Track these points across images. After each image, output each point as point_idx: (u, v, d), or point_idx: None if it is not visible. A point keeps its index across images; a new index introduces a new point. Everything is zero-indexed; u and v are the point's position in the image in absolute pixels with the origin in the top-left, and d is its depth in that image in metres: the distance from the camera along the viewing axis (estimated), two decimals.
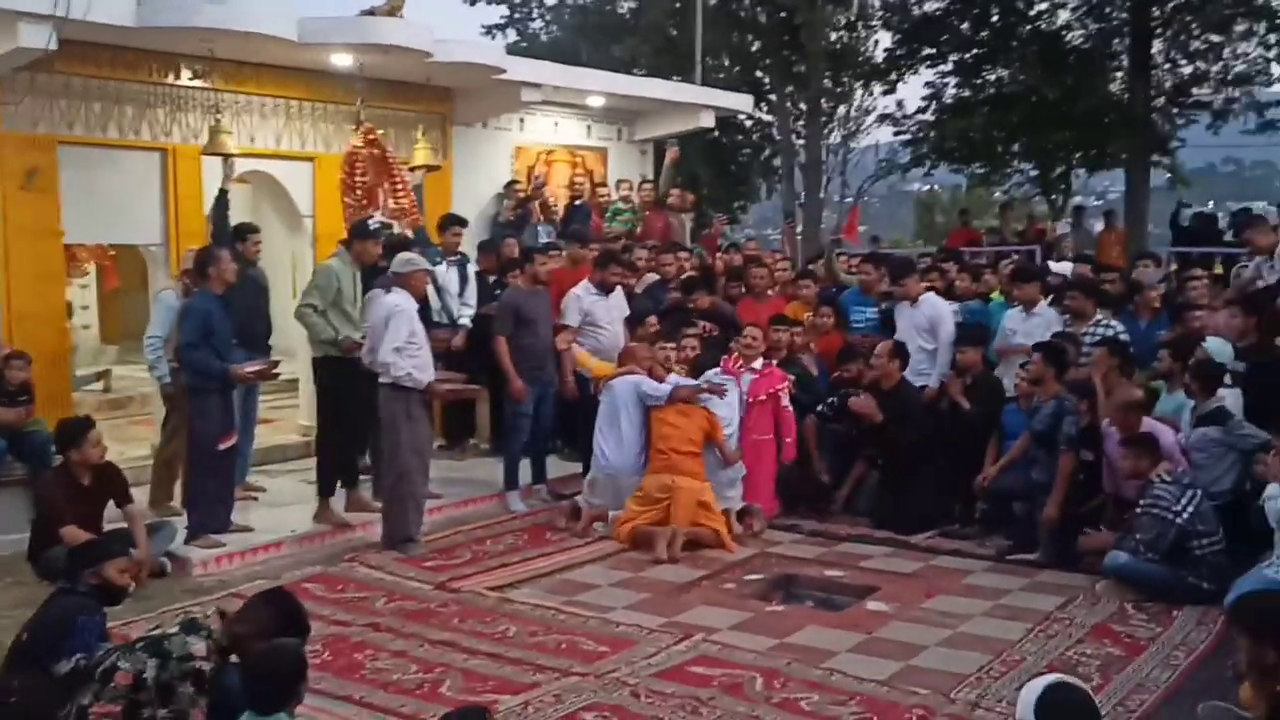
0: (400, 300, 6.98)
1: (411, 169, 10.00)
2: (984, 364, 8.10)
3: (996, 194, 22.51)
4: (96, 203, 8.55)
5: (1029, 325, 8.08)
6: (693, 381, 7.78)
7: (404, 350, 6.90)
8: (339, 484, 7.69)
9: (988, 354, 8.22)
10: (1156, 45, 18.10)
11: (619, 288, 8.67)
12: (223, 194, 8.48)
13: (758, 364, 8.06)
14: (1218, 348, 6.88)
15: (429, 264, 7.63)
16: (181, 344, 6.92)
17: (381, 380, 6.98)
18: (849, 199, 22.32)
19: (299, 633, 3.91)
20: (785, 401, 8.03)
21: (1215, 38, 17.95)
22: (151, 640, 3.73)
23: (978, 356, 8.05)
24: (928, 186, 42.37)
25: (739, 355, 8.11)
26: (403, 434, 6.96)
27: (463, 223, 9.64)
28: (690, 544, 7.16)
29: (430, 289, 7.95)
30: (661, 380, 7.75)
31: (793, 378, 8.19)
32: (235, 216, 8.71)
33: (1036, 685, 3.03)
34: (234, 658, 3.88)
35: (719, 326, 8.80)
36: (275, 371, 7.59)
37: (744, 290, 9.56)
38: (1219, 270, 9.83)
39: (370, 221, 8.00)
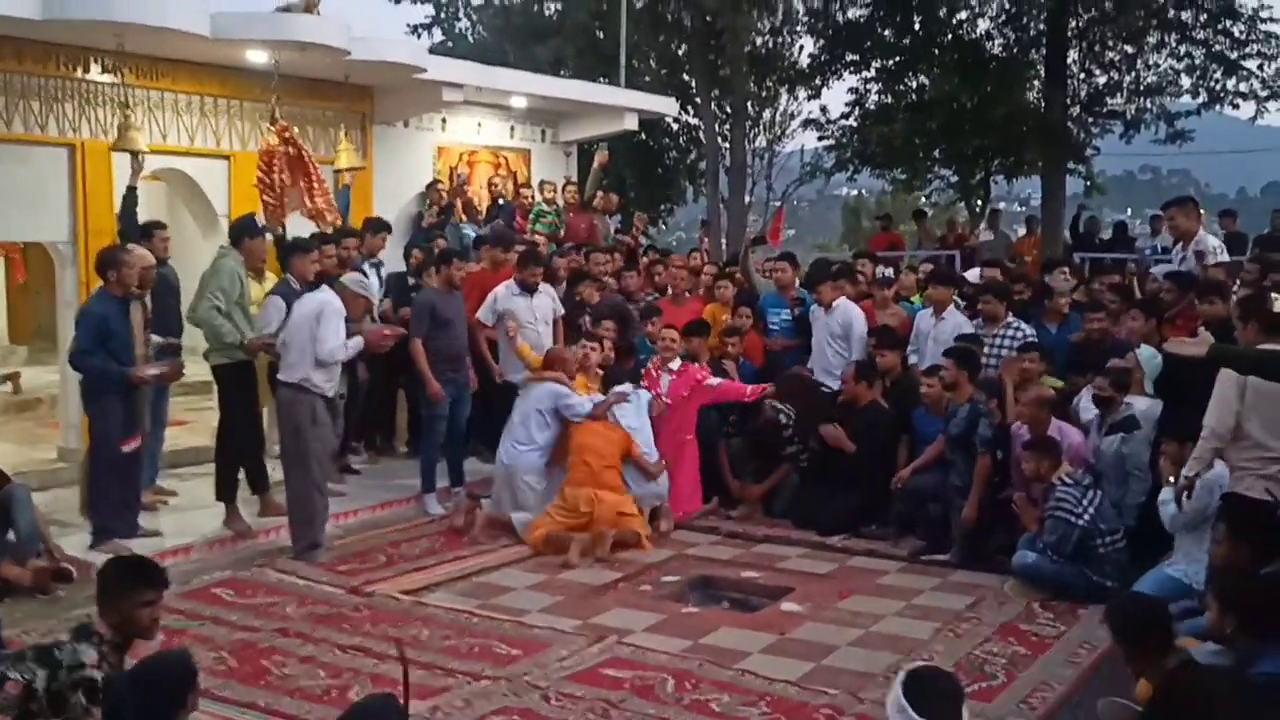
0: (328, 296, 6.88)
1: (337, 170, 9.90)
2: (902, 366, 8.22)
3: (922, 199, 22.79)
4: (3, 199, 8.32)
5: (938, 329, 8.21)
6: (601, 398, 7.82)
7: (337, 347, 6.81)
8: (251, 490, 7.58)
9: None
10: (1072, 55, 18.43)
11: (549, 287, 8.67)
12: (131, 191, 8.30)
13: (675, 364, 8.11)
14: (1148, 356, 7.00)
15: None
16: (74, 350, 6.74)
17: (284, 381, 6.85)
18: (775, 203, 22.48)
19: (154, 586, 3.86)
20: (712, 380, 8.11)
21: (1129, 49, 18.36)
22: (41, 649, 3.61)
23: (896, 359, 8.16)
24: (855, 191, 42.91)
25: (658, 358, 8.16)
26: (308, 439, 6.84)
27: (388, 228, 9.55)
28: (613, 544, 7.18)
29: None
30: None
31: (708, 369, 8.24)
32: (149, 214, 8.55)
33: (905, 671, 3.13)
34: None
35: (618, 323, 8.83)
36: (180, 372, 7.41)
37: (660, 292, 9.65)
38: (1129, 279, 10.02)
39: (255, 218, 7.85)
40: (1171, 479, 5.96)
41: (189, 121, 9.40)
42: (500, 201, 11.76)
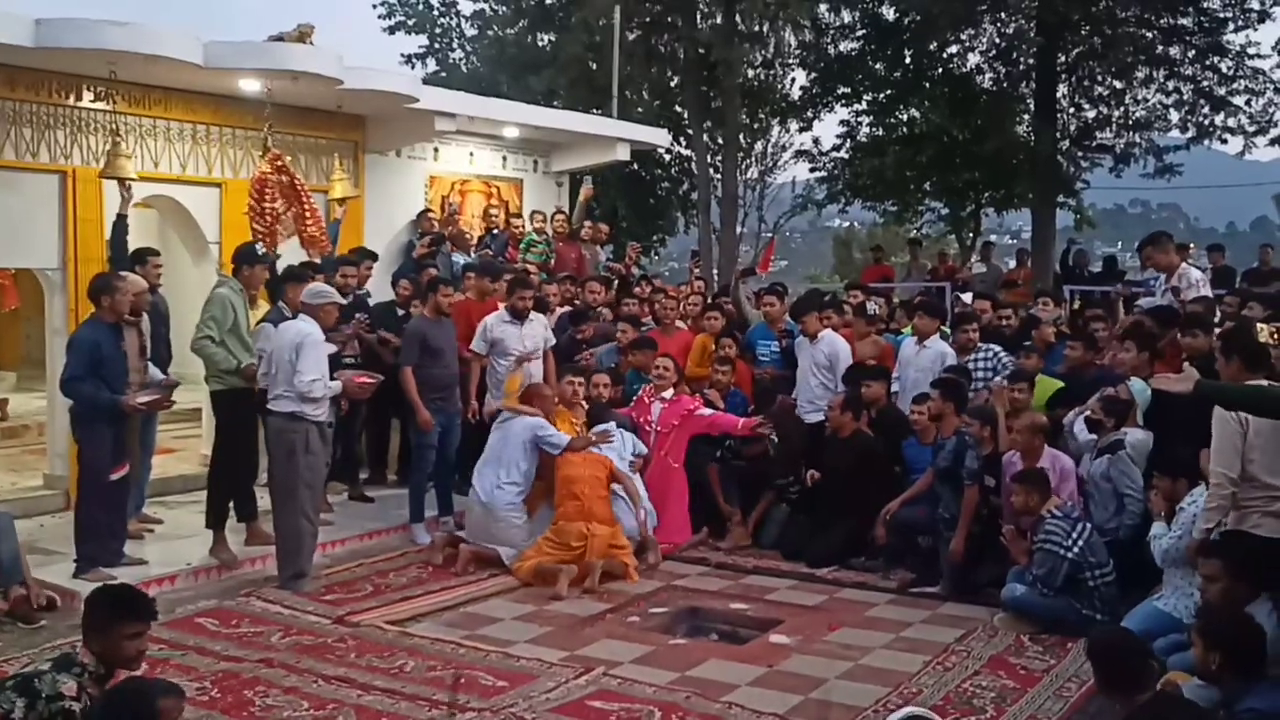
0: (310, 329, 6.83)
1: (332, 200, 9.93)
2: (888, 398, 8.23)
3: (913, 232, 22.88)
4: None
5: (920, 358, 8.24)
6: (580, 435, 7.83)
7: (319, 382, 6.77)
8: (238, 518, 7.54)
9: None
10: (1062, 89, 18.59)
11: (541, 316, 8.67)
12: (121, 219, 8.29)
13: (667, 393, 8.12)
14: (1139, 389, 6.99)
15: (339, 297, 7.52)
16: (65, 376, 6.70)
17: (276, 410, 6.83)
18: (767, 234, 22.55)
19: (141, 617, 3.83)
20: (704, 411, 8.12)
21: (1118, 84, 18.51)
22: (21, 678, 3.58)
23: (881, 390, 8.17)
24: (847, 223, 43.10)
25: (652, 385, 8.17)
26: (299, 467, 6.80)
27: (374, 256, 9.56)
28: (602, 575, 7.16)
29: None
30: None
31: (700, 399, 8.25)
32: (141, 241, 8.54)
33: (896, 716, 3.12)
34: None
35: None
36: (170, 401, 7.38)
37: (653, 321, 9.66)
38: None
39: (257, 247, 7.85)
40: (1162, 514, 5.98)
41: (181, 149, 9.40)
42: (494, 231, 11.77)
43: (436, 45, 23.50)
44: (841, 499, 7.77)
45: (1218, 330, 7.15)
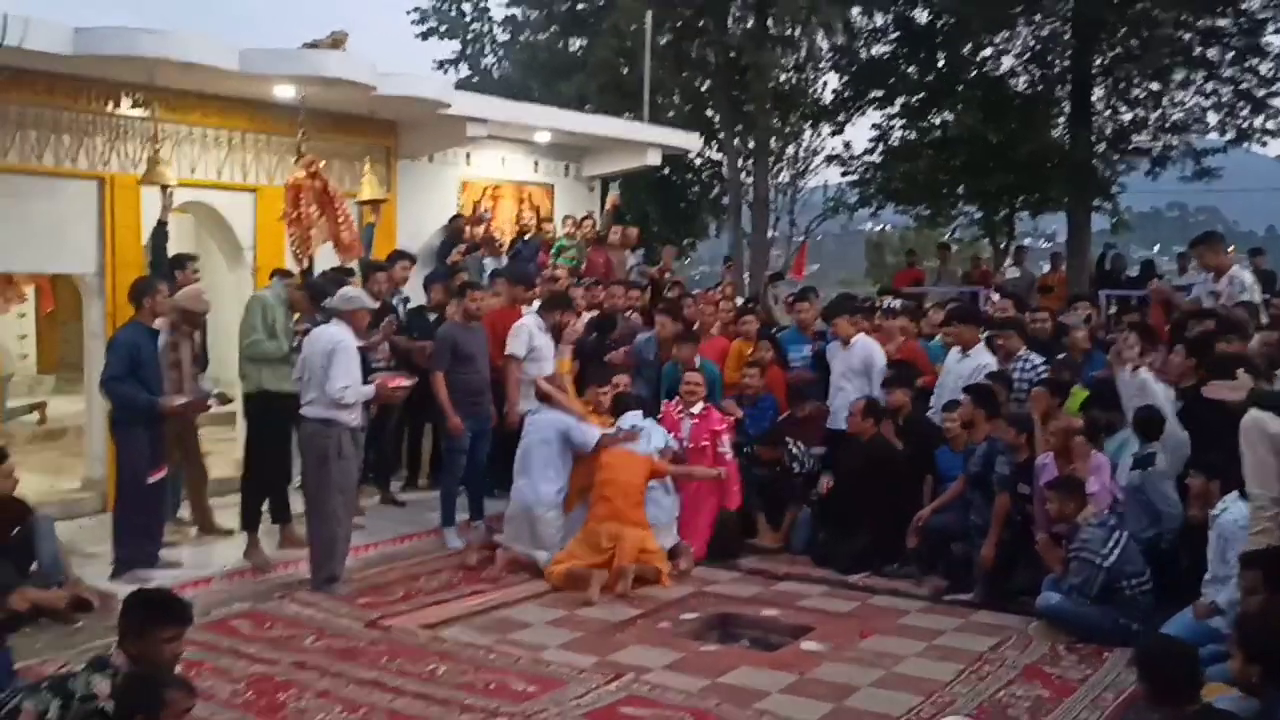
0: (341, 334, 6.87)
1: (361, 203, 9.98)
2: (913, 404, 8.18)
3: (946, 236, 22.74)
4: (31, 231, 8.41)
5: (962, 366, 8.16)
6: (610, 430, 7.80)
7: (351, 388, 6.80)
8: (272, 520, 7.60)
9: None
10: (1097, 92, 18.44)
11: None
12: (161, 226, 8.39)
13: (696, 408, 8.07)
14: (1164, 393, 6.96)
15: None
16: (106, 376, 6.78)
17: (309, 416, 6.87)
18: (799, 238, 22.51)
19: (178, 621, 3.86)
20: (724, 447, 8.02)
21: (1154, 86, 18.34)
22: (56, 680, 3.63)
23: (906, 397, 8.12)
24: (879, 227, 42.93)
25: (679, 400, 8.13)
26: (332, 472, 6.84)
27: (410, 258, 9.62)
28: (634, 579, 7.14)
29: None
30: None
31: (732, 418, 8.20)
32: (177, 247, 8.64)
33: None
34: None
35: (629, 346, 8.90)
36: (209, 404, 7.45)
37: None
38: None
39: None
40: (1194, 511, 5.92)
41: (216, 155, 9.49)
42: (526, 237, 11.81)
43: (468, 51, 23.60)
44: (862, 504, 7.74)
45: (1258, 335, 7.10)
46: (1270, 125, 17.66)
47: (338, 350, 6.75)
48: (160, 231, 8.40)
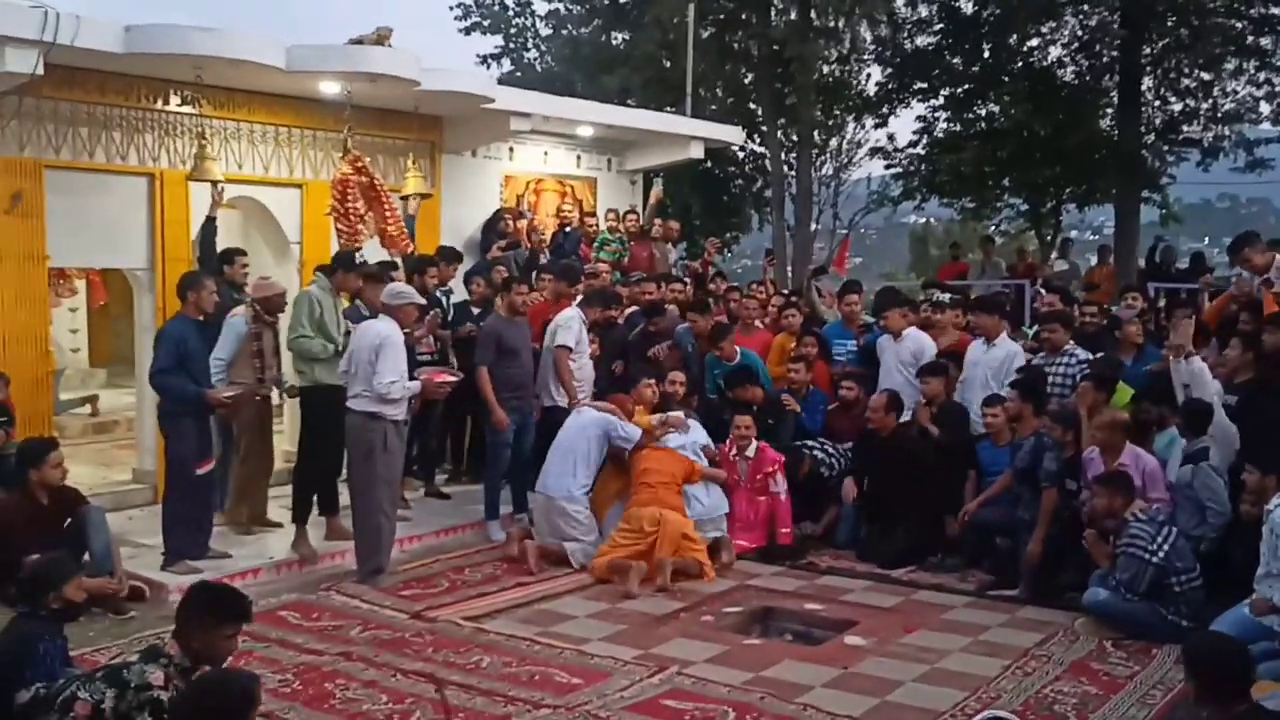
0: (389, 330, 6.92)
1: (403, 197, 10.04)
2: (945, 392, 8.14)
3: (991, 228, 22.53)
4: (83, 227, 8.55)
5: (989, 356, 8.11)
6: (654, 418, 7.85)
7: (398, 383, 6.85)
8: (320, 512, 7.68)
9: None
10: (1146, 82, 18.22)
11: None
12: (210, 221, 8.50)
13: (750, 450, 8.03)
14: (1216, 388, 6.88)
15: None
16: (154, 369, 6.88)
17: (355, 409, 6.93)
18: (842, 231, 22.41)
19: (240, 620, 3.91)
20: (777, 486, 7.96)
21: (1205, 75, 18.07)
22: (111, 670, 3.69)
23: (940, 386, 8.07)
24: (923, 219, 42.62)
25: (733, 442, 8.08)
26: (378, 465, 6.90)
27: (459, 258, 9.68)
28: (674, 573, 7.13)
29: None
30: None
31: (783, 458, 8.13)
32: (225, 242, 8.74)
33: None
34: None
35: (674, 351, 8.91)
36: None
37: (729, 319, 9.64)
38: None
39: (357, 255, 7.97)
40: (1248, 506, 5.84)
41: (264, 151, 9.60)
42: (566, 230, 11.84)
43: (511, 45, 23.72)
44: (897, 498, 7.72)
45: None
46: None
47: (385, 345, 6.80)
48: (209, 226, 8.53)
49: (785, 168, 20.59)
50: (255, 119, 9.50)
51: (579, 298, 8.95)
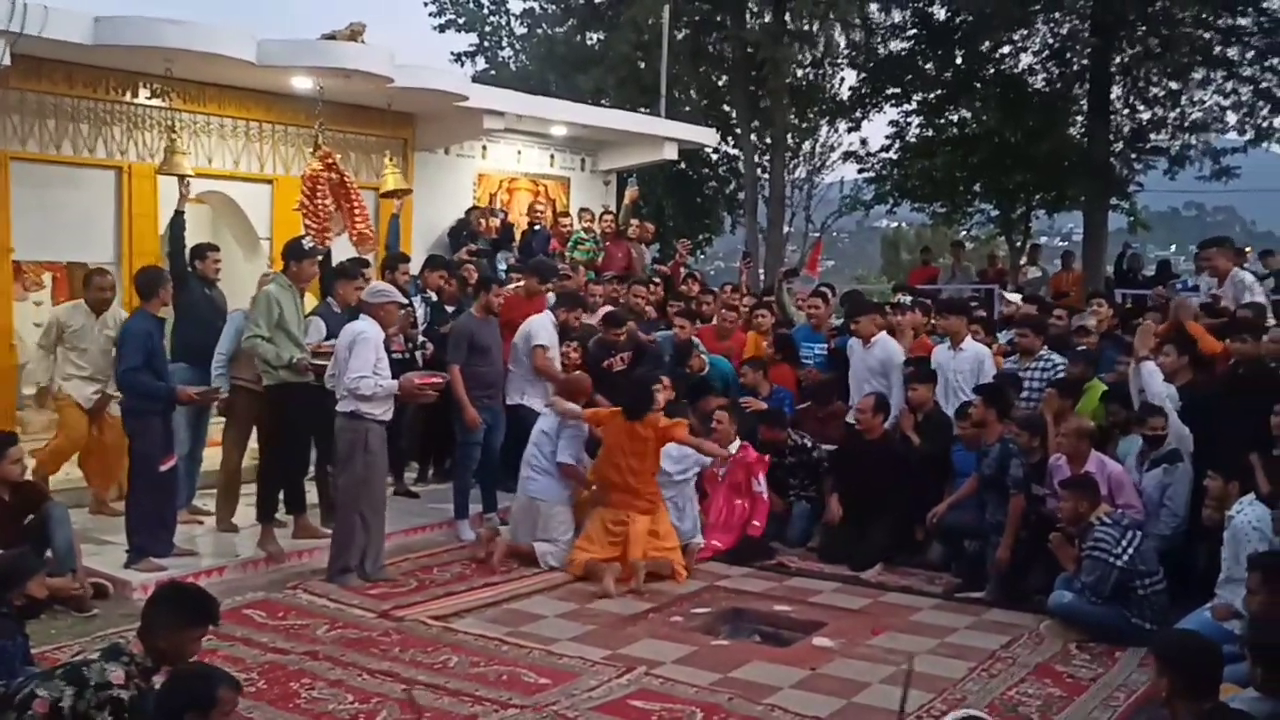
0: (366, 328, 6.85)
1: (384, 194, 9.99)
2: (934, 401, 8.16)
3: (962, 233, 22.68)
4: (49, 220, 8.46)
5: (956, 360, 8.16)
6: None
7: (367, 379, 6.76)
8: (286, 510, 7.62)
9: None
10: (1116, 91, 18.40)
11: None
12: (178, 215, 8.41)
13: (733, 447, 8.03)
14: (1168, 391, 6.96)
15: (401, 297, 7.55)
16: (122, 368, 6.80)
17: (340, 409, 6.88)
18: (814, 234, 22.50)
19: (207, 622, 3.87)
20: (759, 486, 7.99)
21: (1174, 85, 18.27)
22: (71, 667, 3.63)
23: (929, 393, 8.10)
24: (895, 224, 42.87)
25: (713, 440, 8.07)
26: (356, 467, 6.84)
27: (447, 266, 9.63)
28: (646, 575, 7.13)
29: None
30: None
31: (769, 457, 8.15)
32: (194, 237, 8.63)
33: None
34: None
35: (635, 356, 8.86)
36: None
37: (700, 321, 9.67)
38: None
39: (304, 241, 7.85)
40: (1210, 511, 5.92)
41: (234, 146, 9.53)
42: (535, 228, 11.81)
43: (486, 44, 23.63)
44: (873, 501, 7.74)
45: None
46: None
47: (358, 342, 6.75)
48: (178, 222, 8.43)
49: (758, 170, 20.67)
50: (226, 113, 9.43)
51: (551, 299, 8.94)
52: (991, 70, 19.08)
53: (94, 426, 7.92)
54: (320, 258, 8.00)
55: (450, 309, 9.33)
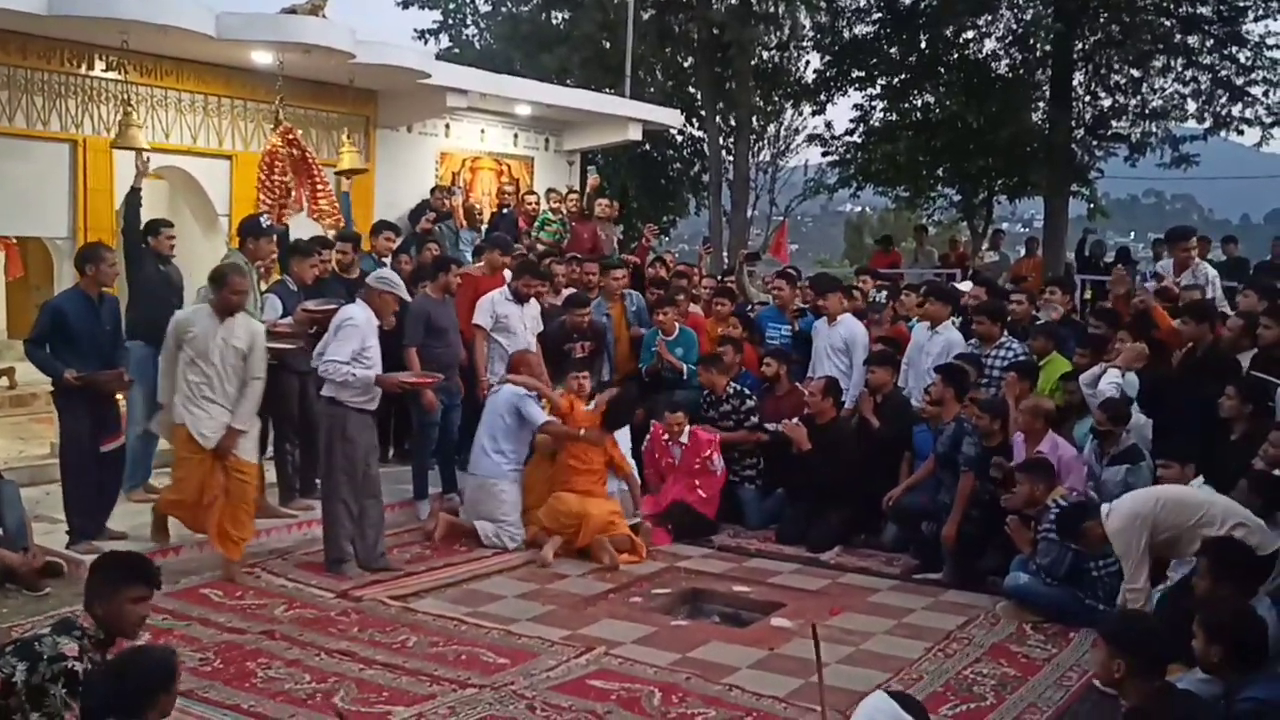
0: (354, 312, 6.74)
1: (337, 173, 9.88)
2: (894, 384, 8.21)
3: (925, 218, 22.78)
4: (1, 194, 8.30)
5: (932, 343, 8.22)
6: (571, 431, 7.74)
7: (338, 365, 6.63)
8: None
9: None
10: (1078, 77, 18.48)
11: (534, 299, 8.63)
12: (134, 192, 8.26)
13: (684, 437, 8.08)
14: (1129, 380, 7.04)
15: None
16: (27, 338, 6.62)
17: (322, 394, 6.80)
18: (778, 217, 22.51)
19: (145, 582, 3.83)
20: (715, 465, 8.04)
21: (1135, 72, 18.40)
22: (22, 643, 3.59)
23: (887, 376, 8.14)
24: (859, 208, 43.02)
25: (665, 432, 8.10)
26: (336, 453, 6.76)
27: (395, 229, 9.52)
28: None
29: None
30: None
31: (719, 436, 8.16)
32: (151, 213, 8.49)
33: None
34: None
35: (595, 343, 8.83)
36: (124, 384, 6.99)
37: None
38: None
39: (261, 219, 7.73)
40: None
41: (192, 120, 9.41)
42: (505, 210, 11.75)
43: (450, 21, 23.38)
44: (829, 483, 7.76)
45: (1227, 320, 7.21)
46: (1247, 114, 17.78)
47: (344, 327, 6.65)
48: (134, 197, 8.28)
49: (723, 153, 20.63)
50: (184, 87, 9.31)
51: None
52: (955, 55, 19.12)
53: None
54: (275, 236, 7.90)
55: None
